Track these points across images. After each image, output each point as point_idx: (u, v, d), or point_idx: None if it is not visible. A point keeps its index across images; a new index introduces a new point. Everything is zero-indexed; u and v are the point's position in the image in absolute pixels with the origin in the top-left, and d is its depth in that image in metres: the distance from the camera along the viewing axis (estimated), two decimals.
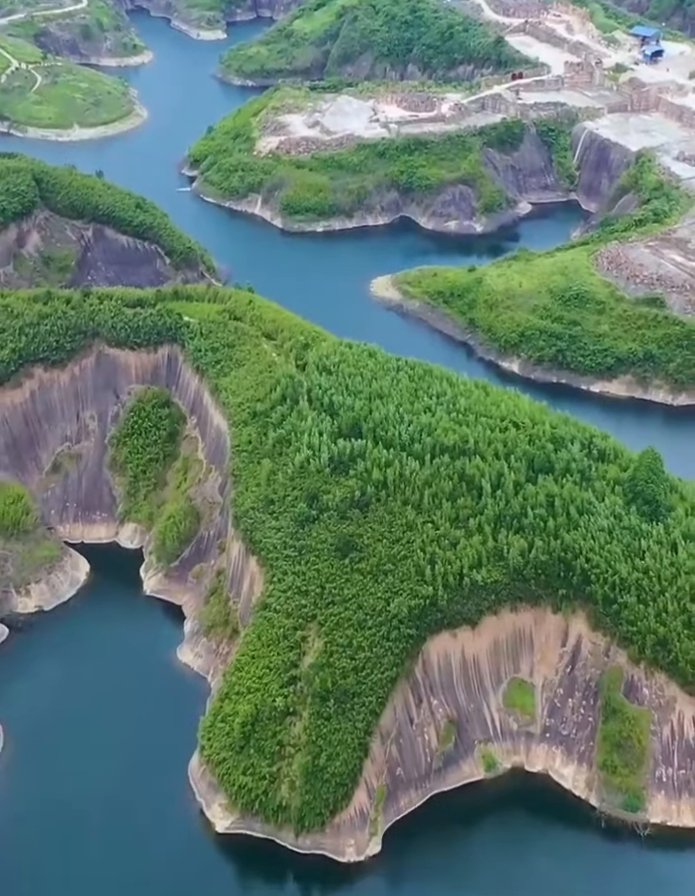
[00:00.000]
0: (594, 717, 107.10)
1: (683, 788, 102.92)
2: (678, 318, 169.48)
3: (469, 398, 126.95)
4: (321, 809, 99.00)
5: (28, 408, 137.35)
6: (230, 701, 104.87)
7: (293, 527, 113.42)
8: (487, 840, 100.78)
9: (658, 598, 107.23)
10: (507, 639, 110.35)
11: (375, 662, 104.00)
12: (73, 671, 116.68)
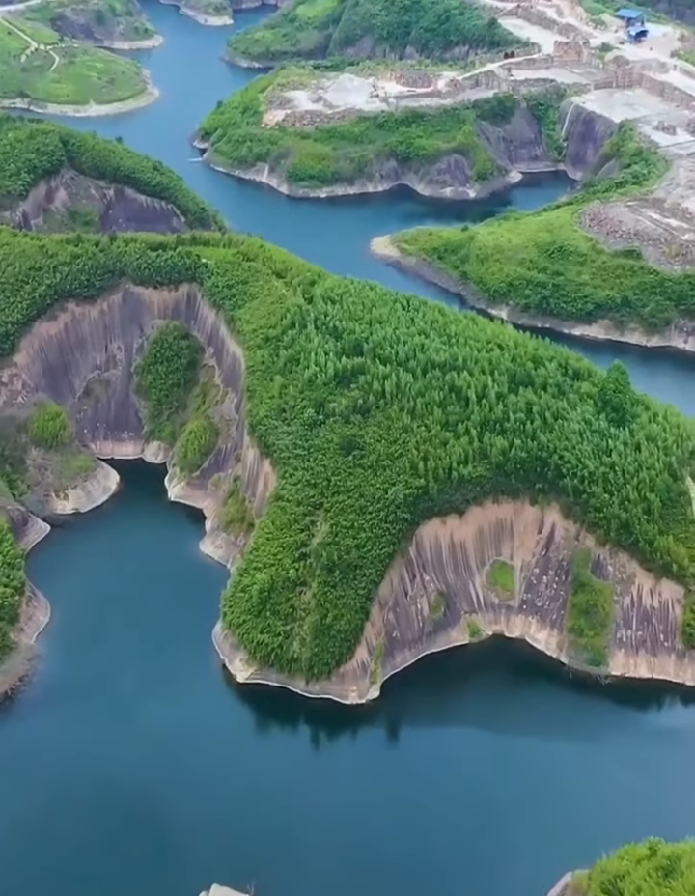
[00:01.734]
0: (564, 591, 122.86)
1: (640, 646, 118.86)
2: (652, 267, 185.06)
3: (459, 325, 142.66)
4: (328, 661, 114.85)
5: (62, 339, 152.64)
6: (248, 574, 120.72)
7: (303, 430, 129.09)
8: (471, 690, 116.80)
9: (622, 489, 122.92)
10: (490, 527, 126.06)
11: (375, 541, 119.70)
12: (108, 560, 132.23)
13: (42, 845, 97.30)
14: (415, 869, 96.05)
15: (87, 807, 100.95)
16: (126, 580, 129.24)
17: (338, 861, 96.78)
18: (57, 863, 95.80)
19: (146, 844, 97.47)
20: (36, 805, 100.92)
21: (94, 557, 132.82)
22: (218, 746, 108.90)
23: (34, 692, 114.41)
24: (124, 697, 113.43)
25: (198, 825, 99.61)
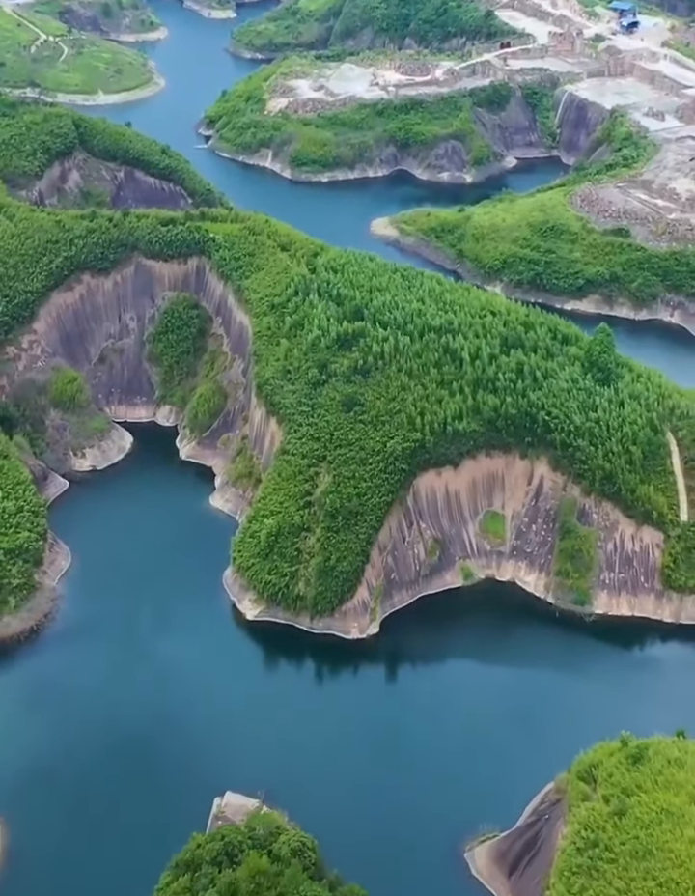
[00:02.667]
0: (552, 537, 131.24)
1: (622, 587, 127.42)
2: (640, 245, 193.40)
3: (454, 293, 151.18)
4: (332, 599, 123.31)
5: (78, 309, 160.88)
6: (256, 521, 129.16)
7: (307, 389, 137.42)
8: (464, 628, 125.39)
9: (606, 442, 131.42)
10: (482, 478, 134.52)
11: (375, 490, 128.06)
12: (124, 513, 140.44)
13: (70, 759, 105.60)
14: (412, 780, 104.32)
15: (108, 727, 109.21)
16: (141, 531, 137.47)
17: (339, 773, 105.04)
18: (83, 774, 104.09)
19: (164, 758, 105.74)
20: (63, 725, 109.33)
21: (110, 510, 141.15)
22: (229, 676, 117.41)
23: (57, 628, 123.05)
24: (140, 633, 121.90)
25: (211, 742, 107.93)
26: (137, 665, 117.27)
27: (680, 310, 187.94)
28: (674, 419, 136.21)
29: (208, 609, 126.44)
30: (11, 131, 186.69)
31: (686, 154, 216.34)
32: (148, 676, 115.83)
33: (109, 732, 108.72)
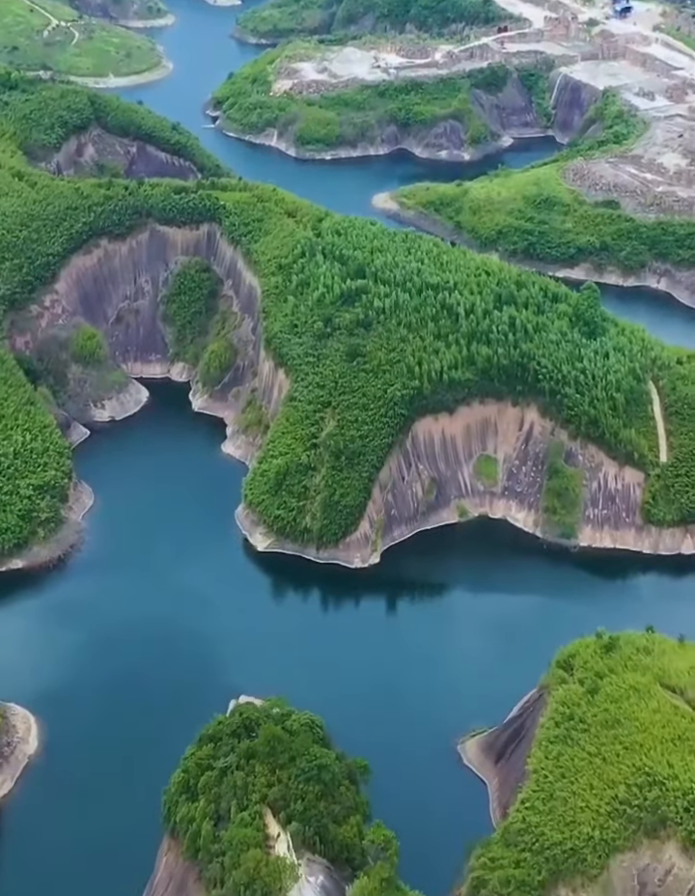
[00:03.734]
0: (541, 478, 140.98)
1: (605, 522, 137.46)
2: (629, 216, 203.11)
3: (451, 255, 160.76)
4: (336, 532, 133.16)
5: (96, 271, 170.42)
6: (266, 462, 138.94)
7: (313, 341, 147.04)
8: (459, 559, 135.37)
9: (592, 390, 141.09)
10: (476, 424, 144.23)
11: (376, 433, 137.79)
12: (142, 458, 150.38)
13: (97, 667, 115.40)
14: (409, 687, 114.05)
15: (130, 641, 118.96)
16: (158, 474, 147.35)
17: (343, 681, 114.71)
18: (109, 680, 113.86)
19: (183, 667, 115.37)
20: (90, 639, 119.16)
21: (129, 456, 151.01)
22: (242, 600, 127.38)
23: (83, 558, 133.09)
24: (159, 563, 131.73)
25: (226, 655, 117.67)
26: (157, 590, 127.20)
27: (666, 277, 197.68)
28: (655, 369, 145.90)
29: (222, 542, 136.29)
30: (30, 106, 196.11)
31: (675, 131, 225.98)
32: (166, 599, 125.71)
33: (131, 645, 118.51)
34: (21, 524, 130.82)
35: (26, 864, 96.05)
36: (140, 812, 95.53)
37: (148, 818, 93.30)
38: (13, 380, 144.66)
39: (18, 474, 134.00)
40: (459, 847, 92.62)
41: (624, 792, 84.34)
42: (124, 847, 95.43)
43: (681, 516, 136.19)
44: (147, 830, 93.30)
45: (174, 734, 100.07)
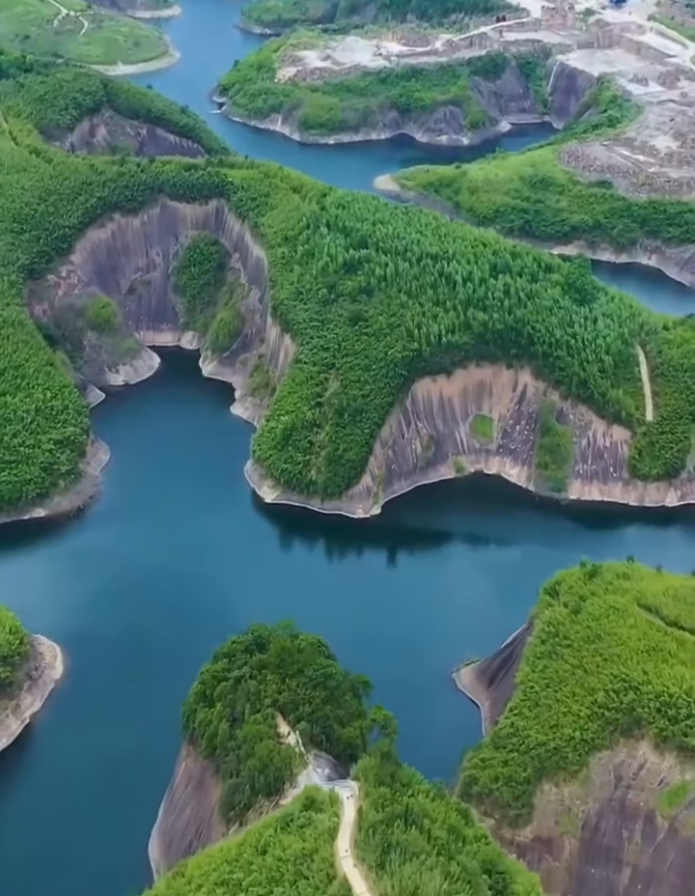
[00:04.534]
0: (533, 436, 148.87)
1: (593, 476, 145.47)
2: (621, 195, 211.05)
3: (449, 227, 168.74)
4: (340, 484, 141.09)
5: (110, 244, 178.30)
6: (274, 419, 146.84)
7: (318, 307, 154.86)
8: (456, 511, 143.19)
9: (582, 353, 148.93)
10: (473, 386, 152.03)
11: (377, 392, 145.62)
12: (155, 419, 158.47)
13: (115, 604, 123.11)
14: (409, 623, 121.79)
15: (146, 581, 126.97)
16: (171, 434, 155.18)
17: (346, 616, 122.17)
18: (126, 615, 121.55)
19: (197, 602, 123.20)
20: (108, 579, 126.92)
21: (142, 417, 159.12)
22: (251, 546, 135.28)
23: (100, 508, 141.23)
24: (172, 513, 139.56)
25: (236, 592, 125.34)
26: (170, 537, 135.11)
27: (657, 254, 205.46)
28: (643, 334, 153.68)
29: (232, 495, 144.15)
30: (45, 88, 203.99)
31: (666, 115, 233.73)
32: (180, 545, 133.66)
33: (148, 585, 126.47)
34: (43, 476, 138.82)
35: (56, 773, 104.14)
36: (159, 727, 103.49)
37: (167, 732, 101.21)
38: (34, 343, 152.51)
39: (40, 429, 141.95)
40: (454, 758, 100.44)
41: (602, 697, 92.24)
42: (145, 757, 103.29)
43: (665, 470, 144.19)
44: (166, 743, 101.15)
45: (189, 659, 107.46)
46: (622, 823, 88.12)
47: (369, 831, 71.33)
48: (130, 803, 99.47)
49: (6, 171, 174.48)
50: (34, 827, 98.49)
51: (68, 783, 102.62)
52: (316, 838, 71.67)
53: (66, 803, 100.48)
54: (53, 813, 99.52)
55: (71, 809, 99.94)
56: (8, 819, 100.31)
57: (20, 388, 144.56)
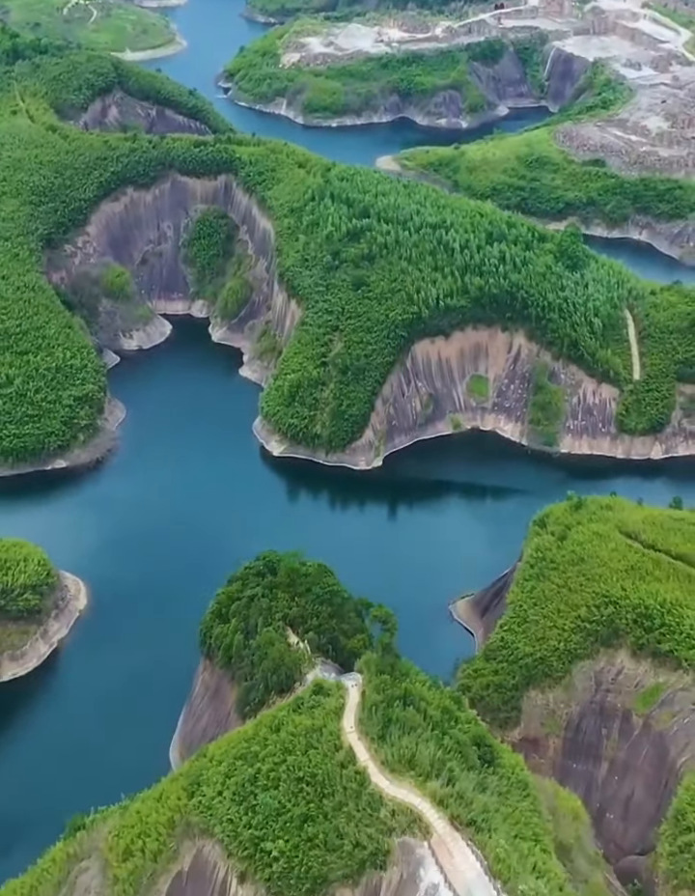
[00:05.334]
0: (527, 394, 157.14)
1: (583, 431, 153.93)
2: (614, 173, 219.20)
3: (448, 199, 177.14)
4: (343, 438, 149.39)
5: (123, 217, 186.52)
6: (281, 378, 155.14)
7: (322, 273, 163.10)
8: (453, 464, 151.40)
9: (573, 315, 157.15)
10: (469, 348, 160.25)
11: (379, 352, 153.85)
12: (167, 381, 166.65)
13: (133, 544, 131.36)
14: (409, 562, 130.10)
15: (163, 524, 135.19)
16: (183, 394, 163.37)
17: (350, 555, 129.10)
18: (143, 554, 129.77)
19: (209, 542, 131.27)
20: (125, 522, 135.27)
21: (156, 379, 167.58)
22: (260, 494, 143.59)
23: (117, 461, 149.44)
24: (185, 466, 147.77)
25: (247, 533, 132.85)
26: (184, 487, 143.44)
27: (647, 229, 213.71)
28: (631, 298, 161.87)
29: (241, 449, 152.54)
30: (59, 69, 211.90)
31: (658, 97, 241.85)
32: (192, 494, 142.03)
33: (163, 527, 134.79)
34: (64, 429, 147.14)
35: (82, 690, 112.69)
36: (178, 649, 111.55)
37: (185, 653, 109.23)
38: (53, 307, 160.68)
39: (60, 386, 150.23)
40: (449, 677, 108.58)
41: (585, 612, 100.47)
42: (164, 675, 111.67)
43: (650, 425, 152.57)
44: (184, 662, 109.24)
45: (203, 589, 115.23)
46: (601, 722, 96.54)
47: (371, 710, 79.74)
48: (152, 716, 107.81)
49: (24, 146, 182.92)
50: (63, 736, 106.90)
51: (93, 699, 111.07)
52: (324, 717, 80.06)
53: (91, 716, 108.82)
54: (79, 724, 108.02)
55: (96, 721, 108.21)
56: (39, 729, 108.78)
57: (42, 348, 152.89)
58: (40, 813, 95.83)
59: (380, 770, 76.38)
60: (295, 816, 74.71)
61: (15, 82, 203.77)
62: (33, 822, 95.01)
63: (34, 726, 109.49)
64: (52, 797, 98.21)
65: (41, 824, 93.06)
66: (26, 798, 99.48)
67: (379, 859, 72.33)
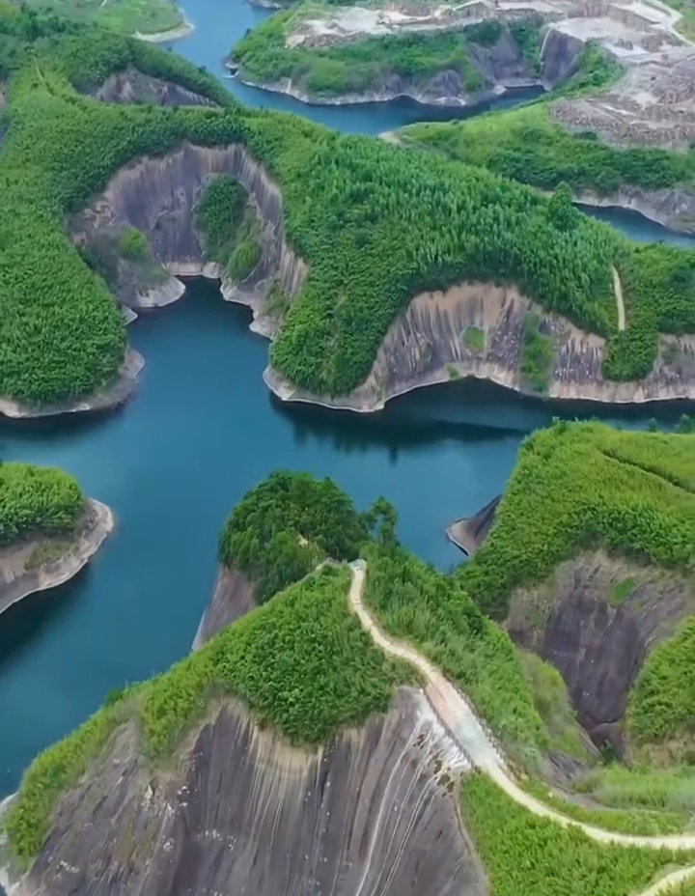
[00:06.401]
0: (519, 344, 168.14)
1: (571, 378, 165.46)
2: (604, 145, 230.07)
3: (445, 165, 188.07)
4: (348, 383, 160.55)
5: (139, 184, 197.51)
6: (289, 329, 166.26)
7: (327, 232, 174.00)
8: (450, 408, 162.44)
9: (562, 271, 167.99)
10: (465, 303, 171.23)
11: (381, 305, 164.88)
12: (182, 335, 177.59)
13: (154, 478, 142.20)
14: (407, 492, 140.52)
15: (182, 459, 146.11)
16: (197, 347, 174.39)
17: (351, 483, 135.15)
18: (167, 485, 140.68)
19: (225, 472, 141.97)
20: (146, 459, 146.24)
21: (171, 333, 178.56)
22: (269, 434, 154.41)
23: (138, 404, 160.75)
24: (200, 410, 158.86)
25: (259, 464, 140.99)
26: (200, 428, 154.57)
27: (636, 198, 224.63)
28: (617, 256, 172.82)
29: (252, 395, 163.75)
30: (77, 46, 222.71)
31: (648, 74, 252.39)
32: (207, 433, 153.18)
33: (181, 462, 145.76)
34: (87, 375, 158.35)
35: (110, 598, 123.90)
36: (198, 564, 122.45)
37: (205, 567, 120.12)
38: (76, 264, 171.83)
39: (84, 335, 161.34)
40: None
41: (566, 518, 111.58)
42: (186, 585, 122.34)
43: (633, 372, 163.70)
44: (204, 575, 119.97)
45: (219, 514, 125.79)
46: (579, 615, 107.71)
47: (374, 584, 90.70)
48: (176, 618, 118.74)
49: (46, 117, 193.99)
50: (94, 636, 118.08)
51: (121, 605, 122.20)
52: (333, 591, 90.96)
53: (120, 619, 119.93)
54: (109, 626, 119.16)
55: (125, 624, 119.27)
56: (73, 630, 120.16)
57: (66, 300, 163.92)
58: (80, 693, 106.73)
59: (382, 633, 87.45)
60: (309, 670, 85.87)
61: (35, 58, 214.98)
62: (76, 698, 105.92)
63: (69, 628, 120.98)
64: (89, 683, 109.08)
65: (82, 700, 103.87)
66: (66, 684, 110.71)
67: (381, 703, 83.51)
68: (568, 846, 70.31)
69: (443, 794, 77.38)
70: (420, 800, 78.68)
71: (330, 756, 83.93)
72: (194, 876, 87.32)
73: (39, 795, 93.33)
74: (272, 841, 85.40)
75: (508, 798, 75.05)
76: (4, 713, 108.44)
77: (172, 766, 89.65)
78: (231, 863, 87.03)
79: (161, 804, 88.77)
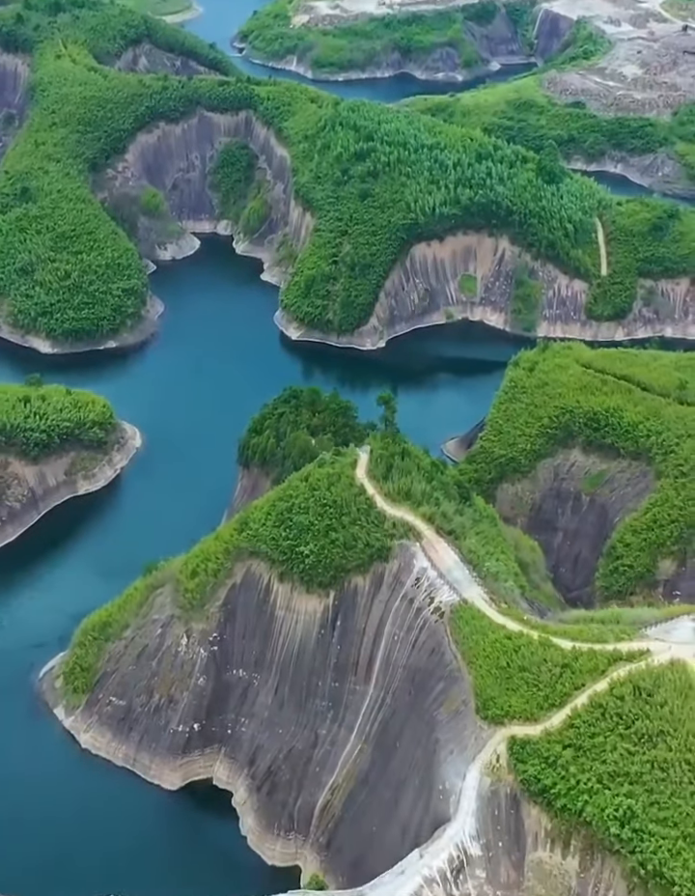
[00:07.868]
0: (510, 290, 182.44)
1: (557, 319, 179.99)
2: (593, 114, 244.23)
3: (442, 126, 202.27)
4: (352, 323, 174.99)
5: (157, 147, 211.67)
6: (298, 275, 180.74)
7: (333, 187, 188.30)
8: (446, 347, 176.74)
9: (550, 221, 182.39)
10: (460, 251, 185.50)
11: (382, 252, 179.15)
12: (198, 284, 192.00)
13: (179, 406, 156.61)
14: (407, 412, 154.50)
15: (201, 388, 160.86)
16: (212, 294, 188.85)
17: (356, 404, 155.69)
18: (189, 410, 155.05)
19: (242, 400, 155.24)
20: (170, 387, 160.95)
21: (188, 282, 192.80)
22: (280, 370, 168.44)
23: (160, 342, 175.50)
24: (217, 347, 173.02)
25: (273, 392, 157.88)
26: (217, 363, 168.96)
27: (622, 162, 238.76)
28: (600, 208, 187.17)
29: (264, 336, 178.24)
30: (96, 20, 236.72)
31: (635, 49, 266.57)
32: (224, 367, 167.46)
33: (201, 391, 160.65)
34: (114, 315, 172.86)
35: (143, 502, 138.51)
36: (218, 474, 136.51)
37: (225, 477, 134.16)
38: (101, 217, 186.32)
39: (110, 280, 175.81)
40: None
41: (547, 421, 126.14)
42: (209, 491, 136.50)
43: (614, 313, 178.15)
44: (225, 483, 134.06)
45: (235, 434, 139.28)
46: (557, 504, 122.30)
47: (377, 460, 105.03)
48: (200, 516, 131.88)
49: (70, 84, 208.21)
50: (127, 534, 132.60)
51: (151, 507, 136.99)
52: (341, 468, 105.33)
53: (150, 518, 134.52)
54: (141, 523, 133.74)
55: (155, 522, 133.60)
56: (109, 529, 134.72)
57: (93, 248, 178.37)
58: (116, 576, 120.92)
59: (384, 499, 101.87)
60: (321, 528, 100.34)
61: (58, 31, 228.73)
62: (113, 580, 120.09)
63: (106, 526, 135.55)
64: (124, 569, 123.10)
65: (119, 581, 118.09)
66: (105, 570, 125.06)
67: (383, 554, 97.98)
68: (538, 650, 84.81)
69: (436, 621, 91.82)
70: (416, 628, 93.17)
71: (340, 599, 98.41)
72: (225, 705, 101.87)
73: (88, 645, 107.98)
74: (291, 673, 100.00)
75: (489, 620, 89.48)
76: (54, 592, 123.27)
77: (203, 617, 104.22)
78: (255, 695, 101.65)
79: (195, 649, 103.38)
